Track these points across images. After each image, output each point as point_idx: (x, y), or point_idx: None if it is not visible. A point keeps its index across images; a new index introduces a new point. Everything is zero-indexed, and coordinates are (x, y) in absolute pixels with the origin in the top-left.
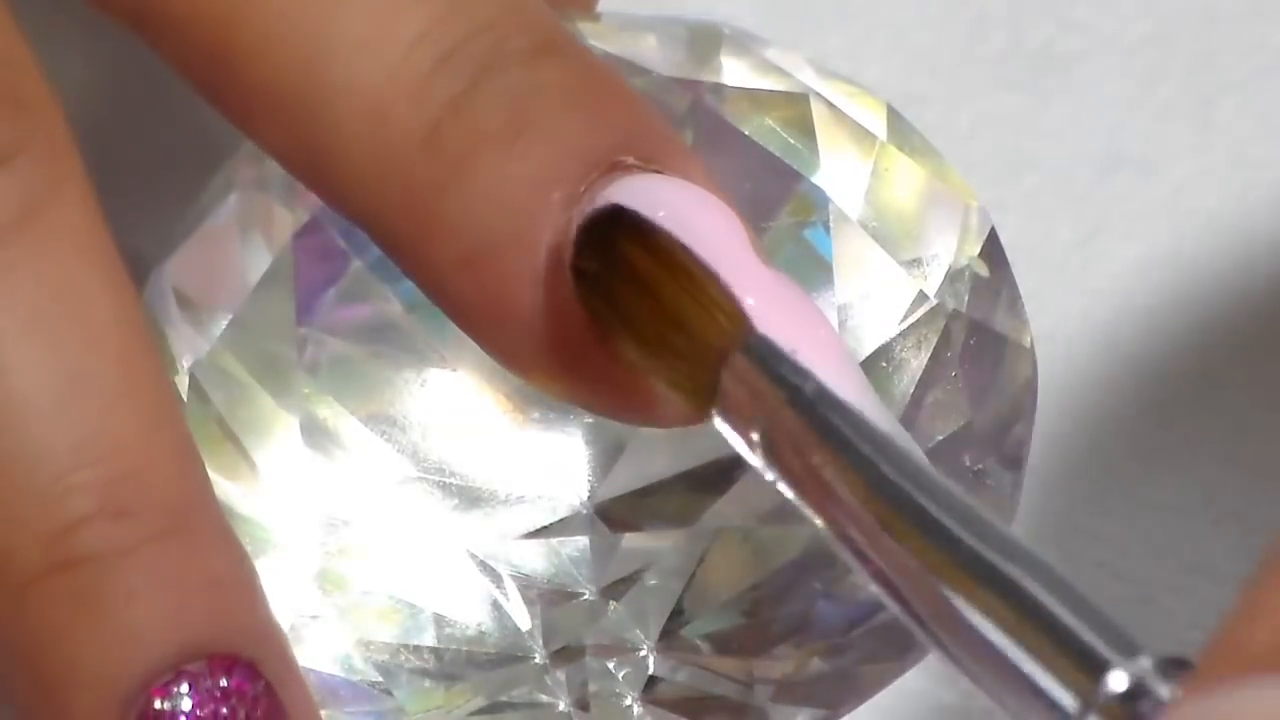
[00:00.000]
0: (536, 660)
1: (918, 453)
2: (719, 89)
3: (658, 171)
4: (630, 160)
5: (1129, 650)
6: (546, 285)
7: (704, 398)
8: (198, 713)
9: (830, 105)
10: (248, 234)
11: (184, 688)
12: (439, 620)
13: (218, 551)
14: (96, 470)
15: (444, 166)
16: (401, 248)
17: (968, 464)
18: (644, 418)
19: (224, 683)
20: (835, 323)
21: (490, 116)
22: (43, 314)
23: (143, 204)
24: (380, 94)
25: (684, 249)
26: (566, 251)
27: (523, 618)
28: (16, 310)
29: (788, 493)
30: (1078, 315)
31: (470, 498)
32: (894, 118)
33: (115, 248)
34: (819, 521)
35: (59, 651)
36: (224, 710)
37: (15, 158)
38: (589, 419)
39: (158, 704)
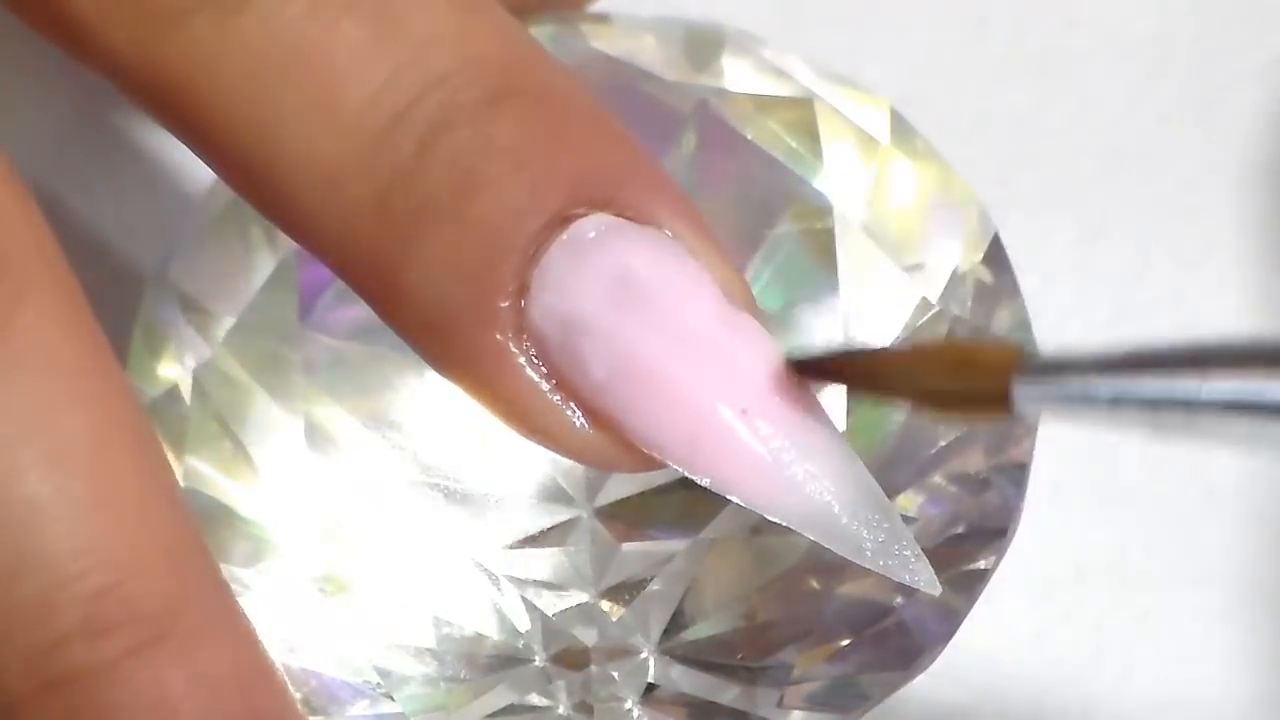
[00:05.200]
0: (537, 663)
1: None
2: (721, 92)
3: (615, 215)
4: (581, 212)
5: None
6: (504, 358)
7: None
8: None
9: (833, 109)
10: (250, 236)
11: None
12: (439, 623)
13: (210, 649)
14: (75, 587)
15: (398, 236)
16: (371, 305)
17: (971, 469)
18: (609, 469)
19: None
20: (838, 328)
21: (439, 183)
22: (6, 439)
23: (146, 206)
24: (333, 164)
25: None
26: (521, 316)
27: (523, 621)
28: None
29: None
30: (1078, 315)
31: (472, 501)
32: (897, 121)
33: (94, 346)
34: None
35: None
36: None
37: None
38: None
39: None
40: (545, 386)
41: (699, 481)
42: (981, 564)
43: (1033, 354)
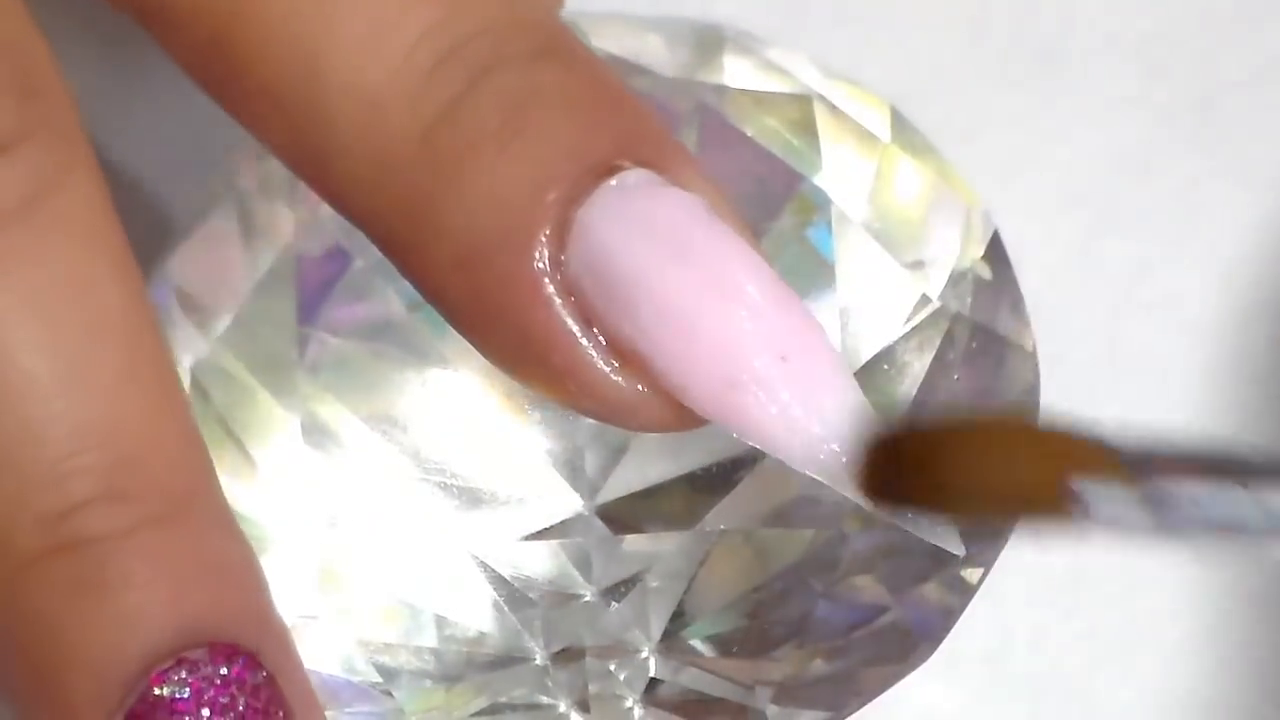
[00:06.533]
0: (537, 661)
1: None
2: (722, 89)
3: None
4: (626, 164)
5: None
6: (539, 288)
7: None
8: (197, 700)
9: (833, 106)
10: (249, 233)
11: (183, 674)
12: (440, 621)
13: (219, 539)
14: (96, 454)
15: (439, 169)
16: (398, 249)
17: None
18: (632, 422)
19: (224, 671)
20: (837, 325)
21: (486, 119)
22: (44, 300)
23: (144, 202)
24: (378, 95)
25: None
26: (560, 253)
27: (523, 618)
28: (17, 296)
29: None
30: (1078, 315)
31: (471, 498)
32: (897, 119)
33: (123, 235)
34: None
35: (57, 635)
36: (223, 699)
37: (20, 145)
38: (592, 420)
39: (157, 690)
40: (576, 327)
41: (728, 431)
42: (978, 563)
43: (1112, 450)
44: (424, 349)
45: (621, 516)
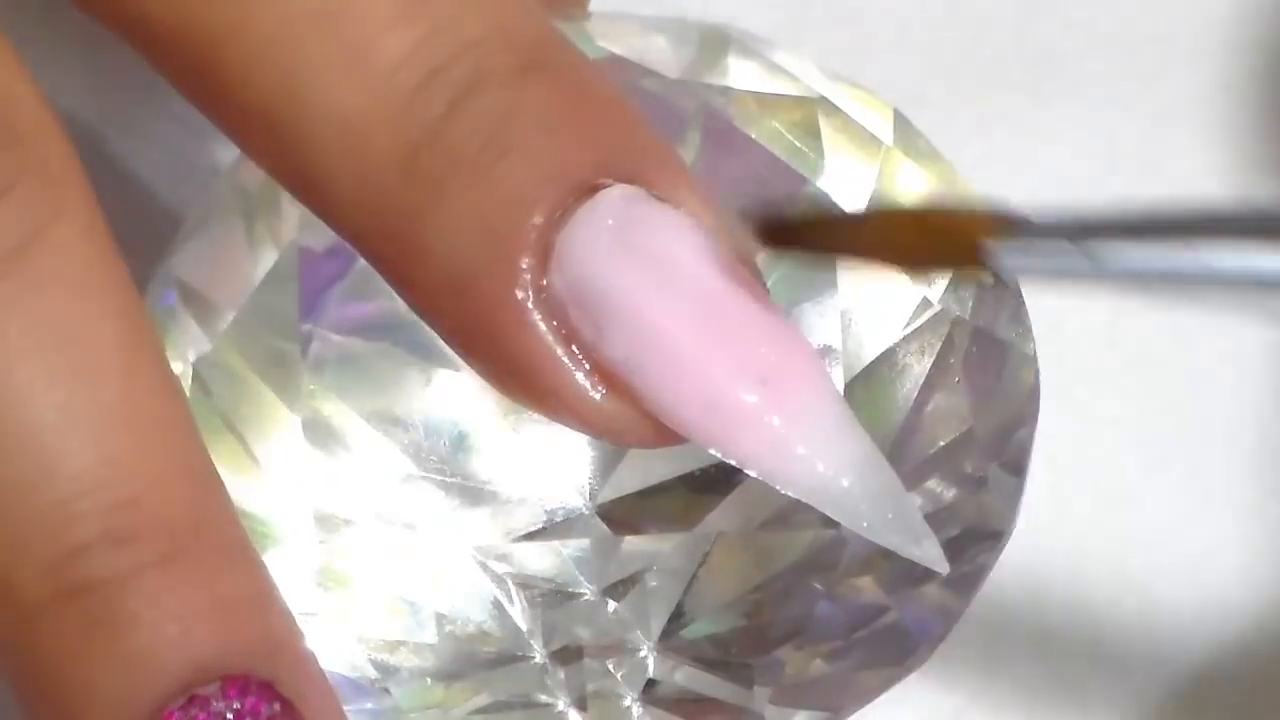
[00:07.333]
0: (536, 660)
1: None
2: (726, 91)
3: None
4: (610, 182)
5: None
6: (523, 315)
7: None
8: None
9: (837, 109)
10: (253, 230)
11: (195, 712)
12: (439, 619)
13: (228, 571)
14: (96, 498)
15: (423, 192)
16: (388, 270)
17: (969, 470)
18: (619, 440)
19: (237, 705)
20: (839, 327)
21: (468, 141)
22: (38, 346)
23: (147, 196)
24: (361, 119)
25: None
26: (542, 275)
27: (523, 617)
28: (10, 344)
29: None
30: (1078, 316)
31: (472, 497)
32: (901, 122)
33: (121, 270)
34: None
35: (69, 679)
36: None
37: (7, 193)
38: None
39: None
40: (560, 350)
41: (710, 452)
42: (978, 564)
43: (1006, 218)
44: (426, 347)
45: (621, 516)
